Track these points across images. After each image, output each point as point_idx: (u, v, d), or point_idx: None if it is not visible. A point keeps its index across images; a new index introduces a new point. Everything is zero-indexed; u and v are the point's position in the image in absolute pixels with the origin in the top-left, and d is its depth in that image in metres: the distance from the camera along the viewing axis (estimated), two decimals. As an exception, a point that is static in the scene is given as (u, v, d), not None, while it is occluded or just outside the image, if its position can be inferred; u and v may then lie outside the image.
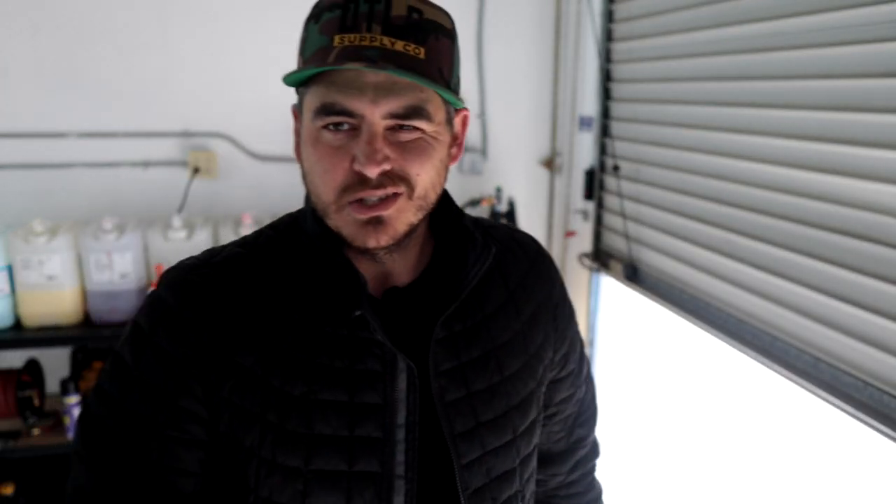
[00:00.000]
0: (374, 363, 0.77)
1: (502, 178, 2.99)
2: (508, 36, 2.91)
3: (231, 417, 0.75)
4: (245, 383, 0.75)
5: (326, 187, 0.74)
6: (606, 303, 2.77)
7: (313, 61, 0.72)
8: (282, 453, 0.74)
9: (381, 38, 0.69)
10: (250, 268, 0.79)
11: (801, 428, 1.80)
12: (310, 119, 0.73)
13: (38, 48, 2.48)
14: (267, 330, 0.76)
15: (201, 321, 0.75)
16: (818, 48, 1.57)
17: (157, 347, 0.75)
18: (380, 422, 0.76)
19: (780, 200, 1.71)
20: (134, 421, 0.75)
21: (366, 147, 0.70)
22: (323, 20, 0.72)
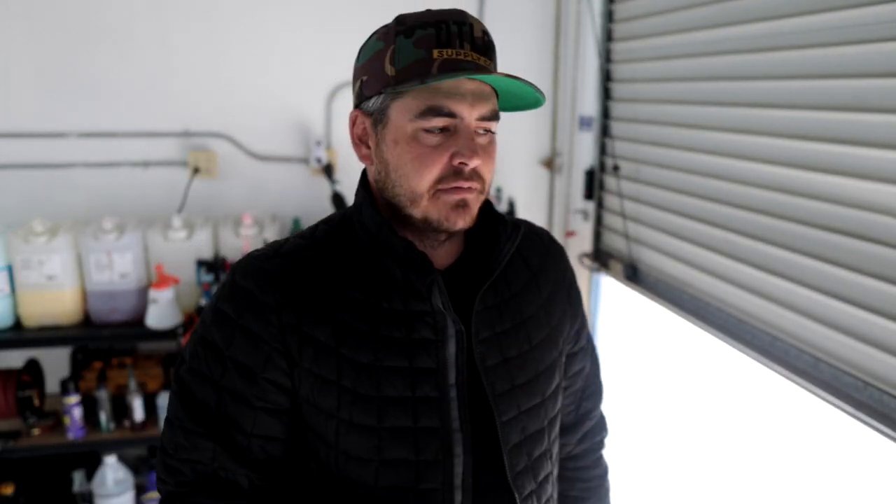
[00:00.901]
0: (428, 332, 0.89)
1: (502, 178, 2.99)
2: (508, 36, 2.91)
3: (311, 385, 0.88)
4: (321, 355, 0.87)
5: (423, 179, 0.86)
6: (606, 303, 2.77)
7: (414, 70, 0.84)
8: (357, 413, 0.87)
9: (472, 53, 0.86)
10: (314, 255, 0.91)
11: (801, 428, 1.80)
12: (407, 120, 0.86)
13: (38, 48, 2.48)
14: (335, 307, 0.88)
15: (281, 304, 0.87)
16: (818, 48, 1.57)
17: (246, 330, 0.88)
18: (434, 382, 0.89)
19: (780, 200, 1.71)
20: (230, 395, 0.88)
21: (469, 143, 0.86)
22: (417, 36, 0.85)
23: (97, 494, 2.28)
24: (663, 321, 2.34)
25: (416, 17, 0.87)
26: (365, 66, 0.90)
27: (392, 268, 0.90)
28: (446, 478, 0.89)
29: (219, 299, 0.91)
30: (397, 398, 0.87)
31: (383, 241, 0.90)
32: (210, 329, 0.90)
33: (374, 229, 0.91)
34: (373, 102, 0.89)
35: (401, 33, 0.86)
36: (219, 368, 0.89)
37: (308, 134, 2.75)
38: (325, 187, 2.70)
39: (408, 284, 0.90)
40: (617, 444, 2.68)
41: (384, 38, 0.88)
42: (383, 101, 0.87)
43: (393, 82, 0.85)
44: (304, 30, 2.69)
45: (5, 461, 2.32)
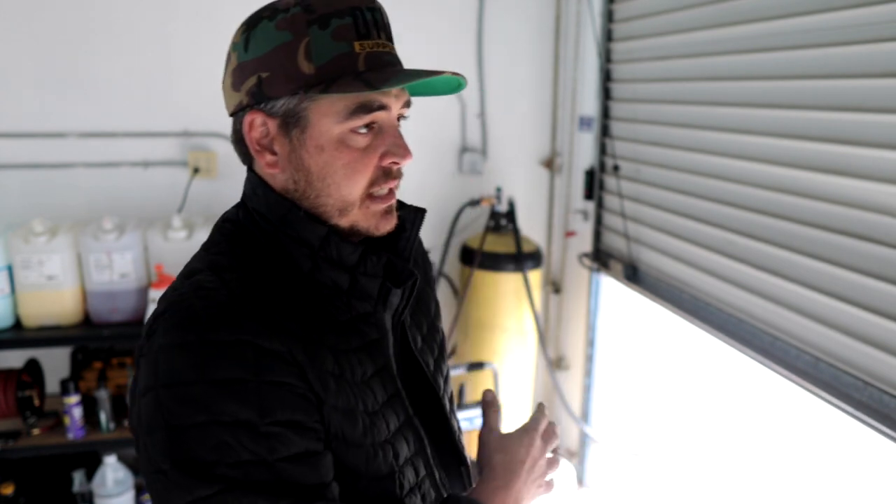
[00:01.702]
0: (374, 332, 0.84)
1: (502, 178, 2.99)
2: (508, 36, 2.91)
3: (340, 420, 0.77)
4: (338, 385, 0.78)
5: (356, 186, 0.80)
6: (606, 303, 2.77)
7: (339, 67, 0.76)
8: (377, 433, 0.81)
9: (388, 43, 0.80)
10: (263, 283, 0.78)
11: (801, 428, 1.80)
12: (335, 123, 0.77)
13: (38, 48, 2.48)
14: (319, 333, 0.78)
15: (286, 345, 0.73)
16: (818, 48, 1.57)
17: (272, 384, 0.71)
18: (390, 378, 0.85)
19: (780, 200, 1.71)
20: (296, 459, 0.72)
21: (399, 140, 0.82)
22: (334, 26, 0.76)
23: (97, 494, 2.28)
24: (663, 321, 2.34)
25: (327, 4, 0.77)
26: (264, 61, 0.77)
27: (337, 277, 0.81)
28: (426, 462, 0.89)
29: (202, 370, 0.70)
30: (385, 402, 0.83)
31: (331, 254, 0.81)
32: (221, 408, 0.69)
33: (317, 241, 0.80)
34: (282, 103, 0.77)
35: (314, 23, 0.75)
36: (264, 443, 0.70)
37: (308, 134, 2.75)
38: (325, 187, 2.70)
39: (355, 290, 0.82)
40: (617, 445, 2.68)
41: (291, 28, 0.76)
42: (298, 103, 0.77)
43: (314, 81, 0.75)
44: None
45: (5, 461, 2.32)
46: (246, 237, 0.83)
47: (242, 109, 0.80)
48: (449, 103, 2.92)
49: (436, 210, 2.99)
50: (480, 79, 2.92)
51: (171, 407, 0.69)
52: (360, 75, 0.76)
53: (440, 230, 2.97)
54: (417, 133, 3.23)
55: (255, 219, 0.83)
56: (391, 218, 0.84)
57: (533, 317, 2.78)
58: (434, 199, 2.99)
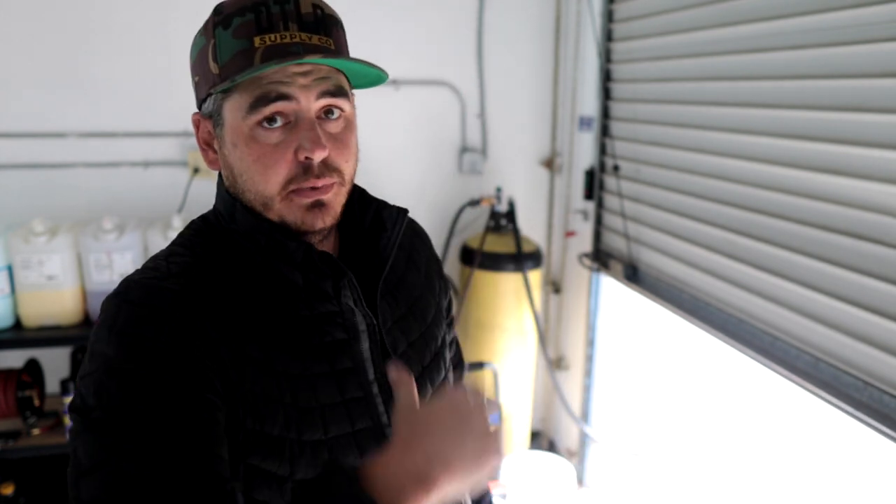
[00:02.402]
0: (340, 332, 0.83)
1: (502, 178, 2.99)
2: (508, 36, 2.91)
3: (255, 408, 0.76)
4: (259, 371, 0.77)
5: (270, 182, 0.79)
6: (606, 303, 2.77)
7: (237, 64, 0.77)
8: (306, 430, 0.78)
9: (300, 34, 0.77)
10: (208, 271, 0.81)
11: (801, 428, 1.80)
12: (240, 118, 0.78)
13: (38, 48, 2.48)
14: (254, 322, 0.79)
15: (205, 323, 0.75)
16: (818, 48, 1.57)
17: (171, 353, 0.72)
18: (357, 382, 0.83)
19: (780, 200, 1.71)
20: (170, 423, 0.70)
21: (310, 134, 0.78)
22: (235, 25, 0.77)
23: (97, 494, 2.28)
24: (663, 321, 2.34)
25: (235, 3, 0.78)
26: (194, 66, 0.83)
27: (290, 273, 0.82)
28: None
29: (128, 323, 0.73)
30: (333, 405, 0.81)
31: (277, 249, 0.81)
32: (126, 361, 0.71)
33: (262, 237, 0.82)
34: (207, 104, 0.82)
35: (219, 24, 0.78)
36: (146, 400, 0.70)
37: (308, 134, 2.75)
38: (325, 187, 2.70)
39: (312, 288, 0.83)
40: (617, 445, 2.68)
41: (205, 33, 0.81)
42: (216, 102, 0.80)
43: (218, 80, 0.78)
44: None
45: (5, 461, 2.32)
46: (210, 232, 0.86)
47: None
48: (449, 103, 2.92)
49: (436, 210, 2.99)
50: (480, 79, 2.92)
51: (85, 361, 0.75)
52: (241, 70, 0.76)
53: (440, 230, 2.97)
54: (417, 133, 3.26)
55: (217, 216, 0.87)
56: (321, 213, 0.81)
57: (533, 317, 2.78)
58: (434, 199, 2.99)
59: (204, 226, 0.88)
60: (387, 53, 2.82)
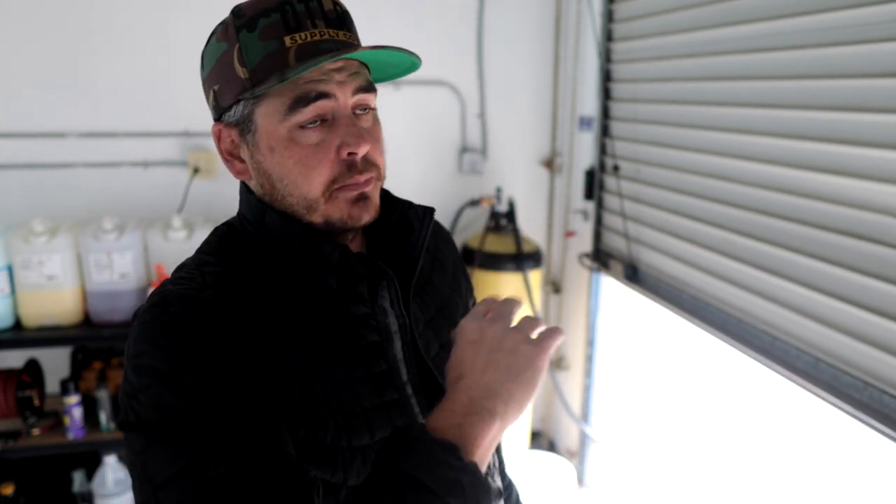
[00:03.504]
0: (373, 334, 0.82)
1: (502, 178, 2.99)
2: (508, 36, 2.91)
3: (307, 416, 0.75)
4: (306, 378, 0.76)
5: (314, 183, 0.78)
6: (606, 303, 2.77)
7: (269, 66, 0.75)
8: (355, 435, 0.78)
9: (328, 30, 0.77)
10: (244, 280, 0.79)
11: (801, 428, 1.80)
12: (278, 122, 0.76)
13: (38, 48, 2.48)
14: (292, 328, 0.77)
15: (249, 332, 0.73)
16: (818, 48, 1.57)
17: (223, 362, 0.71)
18: (392, 384, 0.82)
19: (780, 200, 1.71)
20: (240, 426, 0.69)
21: (352, 129, 0.77)
22: (261, 26, 0.75)
23: (97, 494, 2.28)
24: (663, 321, 2.34)
25: (255, 5, 0.77)
26: (213, 75, 0.80)
27: (324, 277, 0.80)
28: None
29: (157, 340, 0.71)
30: (373, 408, 0.80)
31: (311, 252, 0.80)
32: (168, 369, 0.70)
33: (296, 240, 0.80)
34: (234, 112, 0.79)
35: (242, 27, 0.76)
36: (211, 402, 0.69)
37: (308, 134, 2.75)
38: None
39: (346, 291, 0.81)
40: (617, 444, 2.68)
41: (225, 38, 0.78)
42: (245, 108, 0.78)
43: (249, 85, 0.76)
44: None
45: (5, 461, 2.32)
46: (236, 239, 0.85)
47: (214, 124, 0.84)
48: (449, 103, 2.92)
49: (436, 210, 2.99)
50: (480, 79, 2.92)
51: (130, 377, 0.71)
52: (284, 70, 0.74)
53: (440, 230, 2.96)
54: (417, 133, 3.26)
55: (244, 223, 0.85)
56: (367, 206, 0.80)
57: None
58: (434, 199, 2.98)
59: (230, 232, 0.86)
60: (387, 53, 2.82)
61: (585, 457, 2.92)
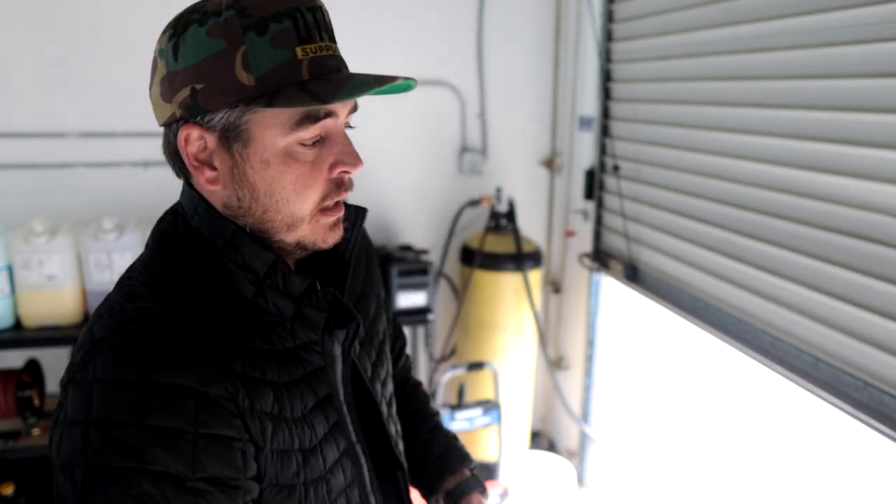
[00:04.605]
0: (318, 359, 0.82)
1: (502, 178, 2.99)
2: (508, 36, 2.91)
3: (275, 464, 0.75)
4: (276, 427, 0.75)
5: (307, 201, 0.76)
6: (606, 303, 2.78)
7: (282, 76, 0.70)
8: (310, 471, 0.79)
9: (331, 45, 0.75)
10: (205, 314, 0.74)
11: (801, 428, 1.80)
12: (280, 135, 0.72)
13: (38, 48, 2.48)
14: (261, 370, 0.75)
15: (230, 390, 0.71)
16: (818, 48, 1.57)
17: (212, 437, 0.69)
18: (334, 406, 0.83)
19: (780, 200, 1.71)
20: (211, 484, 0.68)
21: (347, 147, 0.76)
22: (273, 32, 0.70)
23: (97, 494, 2.28)
24: (663, 321, 2.34)
25: (263, 6, 0.70)
26: (198, 71, 0.71)
27: (282, 305, 0.77)
28: (362, 489, 0.87)
29: (139, 413, 0.66)
30: (325, 436, 0.81)
31: (276, 283, 0.77)
32: (152, 457, 0.65)
33: (262, 269, 0.76)
34: (220, 116, 0.72)
35: (250, 28, 0.70)
36: (189, 499, 0.66)
37: (308, 134, 2.75)
38: (325, 187, 2.70)
39: (301, 319, 0.78)
40: (617, 444, 2.68)
41: (225, 35, 0.70)
42: (239, 115, 0.72)
43: (256, 93, 0.70)
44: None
45: (5, 461, 2.31)
46: (188, 257, 0.78)
47: (176, 122, 0.75)
48: (449, 103, 2.92)
49: (436, 210, 2.99)
50: (480, 79, 2.92)
51: (99, 447, 0.65)
52: (305, 85, 0.70)
53: (440, 230, 2.97)
54: (417, 133, 3.26)
55: (198, 238, 0.78)
56: (338, 230, 0.80)
57: (533, 317, 2.78)
58: (434, 199, 2.99)
59: (177, 249, 0.80)
60: (387, 53, 2.82)
61: (585, 457, 2.92)
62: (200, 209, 0.78)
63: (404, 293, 2.65)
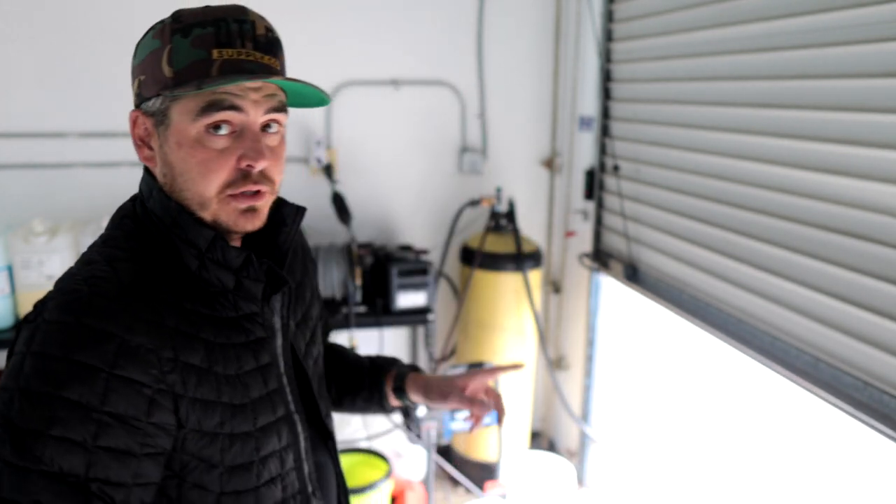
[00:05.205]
0: (260, 330, 0.93)
1: (502, 178, 2.99)
2: (508, 36, 2.91)
3: (197, 412, 0.85)
4: (202, 379, 0.85)
5: (211, 184, 0.86)
6: (606, 303, 2.77)
7: (193, 72, 0.83)
8: (238, 424, 0.89)
9: (255, 53, 0.85)
10: (152, 278, 0.86)
11: (801, 428, 1.80)
12: (190, 121, 0.84)
13: (38, 48, 2.48)
14: (195, 328, 0.86)
15: (155, 342, 0.81)
16: (818, 48, 1.57)
17: (124, 379, 0.79)
18: (274, 375, 0.95)
19: (780, 200, 1.71)
20: (109, 454, 0.78)
21: (255, 145, 0.85)
22: (194, 35, 0.83)
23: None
24: (663, 321, 2.34)
25: (195, 15, 0.85)
26: (142, 66, 0.87)
27: (224, 277, 0.89)
28: (296, 455, 0.98)
29: (68, 349, 0.77)
30: (260, 398, 0.92)
31: (216, 256, 0.88)
32: (67, 386, 0.76)
33: (204, 244, 0.88)
34: (152, 103, 0.86)
35: (177, 31, 0.84)
36: (92, 428, 0.76)
37: (308, 134, 2.75)
38: (325, 187, 2.70)
39: (241, 291, 0.90)
40: (617, 444, 2.68)
41: (160, 37, 0.86)
42: (163, 103, 0.85)
43: (171, 84, 0.83)
44: (304, 30, 2.69)
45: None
46: (142, 234, 0.90)
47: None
48: (449, 103, 2.92)
49: (436, 210, 2.99)
50: (480, 79, 2.92)
51: (29, 374, 0.77)
52: (205, 79, 0.82)
53: (440, 230, 2.97)
54: (417, 133, 3.26)
55: (153, 219, 0.90)
56: (252, 217, 0.89)
57: (533, 317, 2.78)
58: (434, 199, 2.99)
59: (135, 227, 0.91)
60: (387, 53, 2.82)
61: (585, 457, 2.92)
62: (154, 192, 0.90)
63: (404, 293, 2.65)
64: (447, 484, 2.95)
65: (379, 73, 2.81)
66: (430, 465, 2.20)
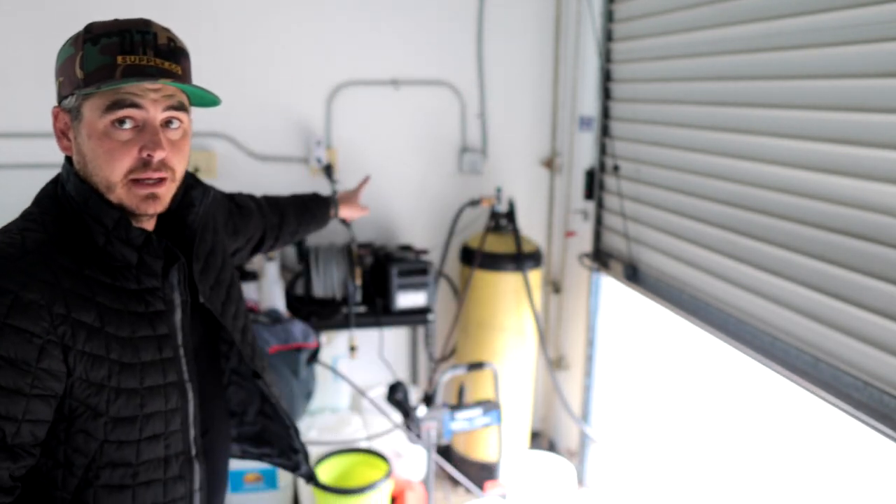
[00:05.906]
0: (160, 304, 1.08)
1: (502, 178, 2.99)
2: (508, 36, 2.91)
3: (85, 364, 0.99)
4: (92, 336, 0.99)
5: (115, 170, 1.01)
6: (606, 303, 2.77)
7: (100, 75, 0.97)
8: (124, 379, 1.02)
9: (155, 59, 1.00)
10: (58, 247, 1.00)
11: (801, 428, 1.80)
12: (98, 116, 0.99)
13: (38, 48, 2.48)
14: (92, 292, 1.00)
15: (48, 299, 0.94)
16: (818, 48, 1.57)
17: (16, 328, 0.92)
18: (171, 345, 1.09)
19: (780, 200, 1.71)
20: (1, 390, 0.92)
21: (154, 137, 1.01)
22: (102, 44, 0.98)
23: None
24: (663, 321, 2.34)
25: (103, 27, 1.00)
26: (61, 69, 1.03)
27: (128, 254, 1.04)
28: (183, 419, 1.12)
29: None
30: (151, 361, 1.06)
31: (121, 234, 1.03)
32: None
33: (111, 223, 1.02)
34: (69, 101, 1.01)
35: (88, 40, 0.99)
36: None
37: (308, 134, 2.75)
38: (325, 187, 2.70)
39: (143, 266, 1.05)
40: (617, 444, 2.68)
41: (75, 45, 1.01)
42: (77, 101, 1.00)
43: (82, 84, 0.98)
44: (304, 30, 2.69)
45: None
46: (58, 211, 1.05)
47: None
48: (449, 103, 2.92)
49: (436, 210, 2.99)
50: (480, 79, 2.92)
51: None
52: (107, 80, 0.96)
53: (440, 230, 2.97)
54: (417, 133, 3.26)
55: (68, 199, 1.05)
56: (154, 203, 1.04)
57: (533, 317, 2.78)
58: (434, 199, 2.99)
59: (52, 205, 1.06)
60: (387, 53, 2.82)
61: (585, 457, 2.92)
62: (71, 176, 1.05)
63: (404, 293, 2.65)
64: (447, 484, 2.95)
65: (379, 72, 2.81)
66: (430, 465, 2.20)
